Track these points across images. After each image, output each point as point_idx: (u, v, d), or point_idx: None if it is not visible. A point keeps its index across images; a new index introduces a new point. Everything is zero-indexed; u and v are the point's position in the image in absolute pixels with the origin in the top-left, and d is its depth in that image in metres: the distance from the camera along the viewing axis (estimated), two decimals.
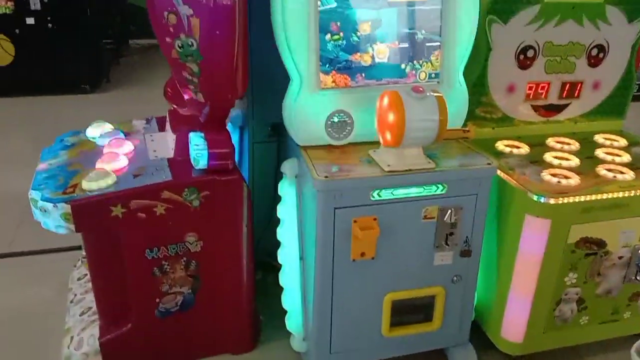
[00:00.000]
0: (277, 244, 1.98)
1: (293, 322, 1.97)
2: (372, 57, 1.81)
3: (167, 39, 1.58)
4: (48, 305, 2.33)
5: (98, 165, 1.84)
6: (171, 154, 1.94)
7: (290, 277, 1.94)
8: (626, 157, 2.02)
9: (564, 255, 1.82)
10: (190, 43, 1.56)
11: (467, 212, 1.78)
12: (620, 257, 1.89)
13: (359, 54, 1.79)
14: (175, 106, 1.93)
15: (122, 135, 2.08)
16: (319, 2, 1.70)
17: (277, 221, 1.98)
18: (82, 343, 1.94)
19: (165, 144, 2.05)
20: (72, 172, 1.86)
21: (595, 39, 2.09)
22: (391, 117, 1.58)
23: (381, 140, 1.69)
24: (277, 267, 2.26)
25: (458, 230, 1.80)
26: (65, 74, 5.14)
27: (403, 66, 1.84)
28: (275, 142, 2.24)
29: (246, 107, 2.17)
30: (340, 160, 1.76)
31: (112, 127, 2.18)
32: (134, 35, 7.20)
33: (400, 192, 1.69)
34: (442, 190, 1.73)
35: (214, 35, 1.55)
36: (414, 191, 1.70)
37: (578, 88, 2.17)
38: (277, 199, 2.01)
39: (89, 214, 1.70)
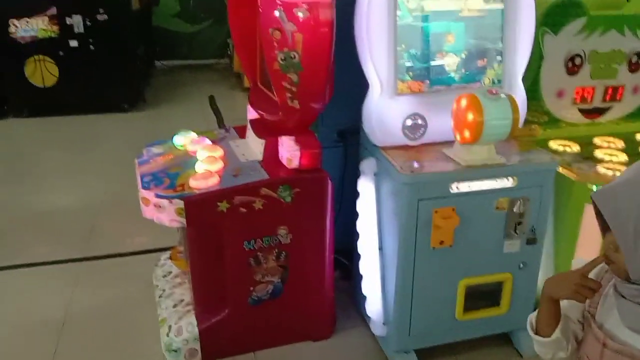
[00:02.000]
0: (354, 237, 2.19)
1: (372, 307, 2.15)
2: (443, 66, 2.03)
3: (271, 52, 1.80)
4: (136, 302, 2.52)
5: (198, 167, 2.05)
6: (259, 157, 2.15)
7: (369, 266, 2.13)
8: None
9: None
10: (292, 56, 1.78)
11: (533, 202, 1.98)
12: None
13: (431, 62, 2.01)
14: (262, 113, 2.15)
15: (209, 142, 2.29)
16: (397, 18, 1.93)
17: (355, 216, 2.18)
18: (181, 331, 2.12)
19: (249, 148, 2.27)
20: (175, 173, 2.07)
21: (636, 47, 2.30)
22: (470, 117, 1.79)
23: (458, 139, 1.90)
24: (342, 262, 2.47)
25: (525, 220, 1.99)
26: (105, 94, 5.39)
27: (469, 73, 2.06)
28: (341, 147, 2.44)
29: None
30: (417, 158, 1.97)
31: (197, 135, 2.39)
32: (159, 56, 7.49)
33: (476, 185, 1.90)
34: (512, 183, 1.93)
35: (315, 49, 1.77)
36: (487, 184, 1.91)
37: (620, 92, 2.38)
38: (342, 200, 2.23)
39: (199, 208, 1.91)
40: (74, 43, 5.17)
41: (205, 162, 2.06)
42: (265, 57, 1.84)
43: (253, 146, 2.26)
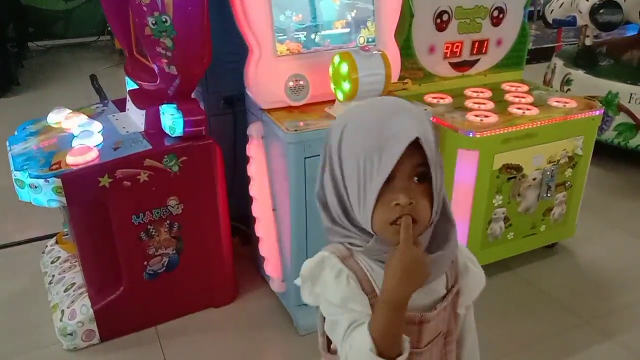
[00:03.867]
0: (248, 201, 2.22)
1: (271, 267, 2.20)
2: (319, 26, 2.07)
3: (141, 17, 1.74)
4: (25, 292, 2.38)
5: (75, 143, 1.96)
6: (141, 128, 2.09)
7: (265, 227, 2.17)
8: (530, 99, 2.44)
9: (491, 180, 2.20)
10: (164, 19, 1.74)
11: None
12: (534, 179, 2.31)
13: (308, 23, 2.05)
14: (141, 83, 2.08)
15: (86, 118, 2.19)
16: None
17: (246, 181, 2.20)
18: (74, 314, 2.05)
19: (130, 120, 2.19)
20: (50, 152, 1.96)
21: (496, 2, 2.48)
22: (346, 73, 1.86)
23: (337, 96, 1.96)
24: (241, 229, 2.50)
25: None
26: None
27: (345, 33, 2.12)
28: (230, 114, 2.44)
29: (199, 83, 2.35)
30: (302, 117, 2.01)
31: (71, 111, 2.27)
32: (33, 37, 6.95)
33: None
34: None
35: (187, 11, 1.74)
36: None
37: (485, 45, 2.57)
38: (236, 167, 2.24)
39: (78, 185, 1.83)
40: None
41: (82, 137, 1.97)
42: (136, 24, 1.77)
43: (134, 118, 2.19)
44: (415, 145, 0.84)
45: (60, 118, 2.21)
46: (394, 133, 0.84)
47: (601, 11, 3.28)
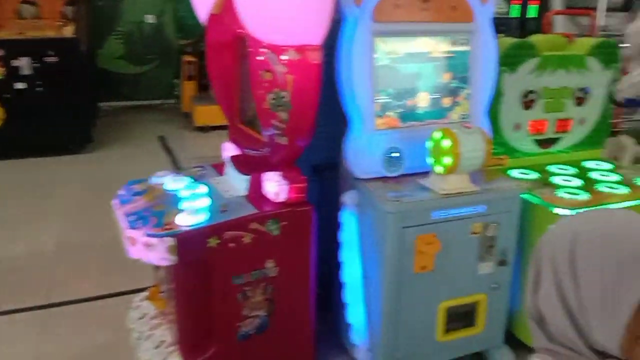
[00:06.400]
0: (332, 268, 2.27)
1: (357, 334, 2.21)
2: (416, 103, 2.18)
3: (260, 92, 1.88)
4: (110, 348, 2.45)
5: (184, 204, 2.07)
6: (244, 192, 2.19)
7: (354, 294, 2.20)
8: (615, 177, 2.46)
9: None
10: (282, 95, 1.87)
11: (502, 227, 2.13)
12: None
13: (405, 100, 2.16)
14: (246, 150, 2.21)
15: (191, 180, 2.31)
16: (374, 60, 2.07)
17: (330, 247, 2.26)
18: None
19: (230, 184, 2.31)
20: (160, 212, 2.07)
21: (579, 83, 2.56)
22: (448, 148, 1.94)
23: (435, 170, 2.04)
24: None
25: (496, 243, 2.14)
26: (54, 136, 5.25)
27: (439, 109, 2.22)
28: (316, 182, 2.53)
29: None
30: (397, 188, 2.08)
31: (175, 174, 2.41)
32: (103, 98, 7.39)
33: (453, 212, 2.03)
34: (483, 210, 2.08)
35: (305, 89, 1.87)
36: (463, 210, 2.04)
37: (568, 124, 2.63)
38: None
39: (189, 245, 1.92)
40: (21, 85, 5.03)
41: (191, 199, 2.08)
42: (254, 97, 1.91)
43: (235, 182, 2.30)
44: None
45: (164, 180, 2.34)
46: None
47: None
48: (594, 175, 2.49)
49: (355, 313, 2.21)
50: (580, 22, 6.79)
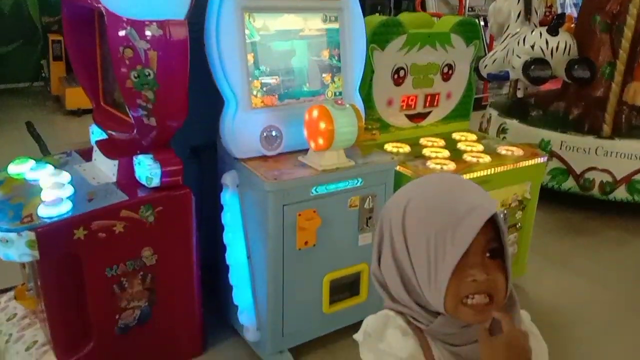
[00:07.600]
0: (217, 250, 2.22)
1: (246, 315, 2.20)
2: (292, 81, 2.17)
3: (123, 70, 1.77)
4: None
5: (45, 194, 1.91)
6: (113, 179, 2.07)
7: (239, 276, 2.18)
8: (480, 147, 2.64)
9: None
10: (147, 73, 1.77)
11: (379, 199, 2.21)
12: None
13: (279, 78, 2.14)
14: (112, 133, 2.07)
15: (52, 168, 2.14)
16: (246, 36, 2.03)
17: (214, 230, 2.22)
18: None
19: (99, 171, 2.17)
20: (18, 204, 1.90)
21: (445, 59, 2.70)
22: (323, 126, 1.96)
23: (312, 146, 2.05)
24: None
25: (374, 214, 2.21)
26: None
27: (314, 87, 2.23)
28: (196, 163, 2.45)
29: None
30: (276, 166, 2.08)
31: (35, 161, 2.21)
32: None
33: (332, 187, 2.06)
34: (360, 183, 2.14)
35: (171, 66, 1.78)
36: (341, 185, 2.09)
37: (437, 98, 2.77)
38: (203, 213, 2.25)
39: (53, 239, 1.78)
40: None
41: (51, 188, 1.92)
42: (116, 76, 1.79)
43: (104, 168, 2.16)
44: (487, 221, 0.85)
45: (23, 169, 2.14)
46: (469, 208, 0.85)
47: (532, 67, 3.62)
48: (460, 146, 2.66)
49: (242, 294, 2.20)
50: (451, 3, 7.21)
